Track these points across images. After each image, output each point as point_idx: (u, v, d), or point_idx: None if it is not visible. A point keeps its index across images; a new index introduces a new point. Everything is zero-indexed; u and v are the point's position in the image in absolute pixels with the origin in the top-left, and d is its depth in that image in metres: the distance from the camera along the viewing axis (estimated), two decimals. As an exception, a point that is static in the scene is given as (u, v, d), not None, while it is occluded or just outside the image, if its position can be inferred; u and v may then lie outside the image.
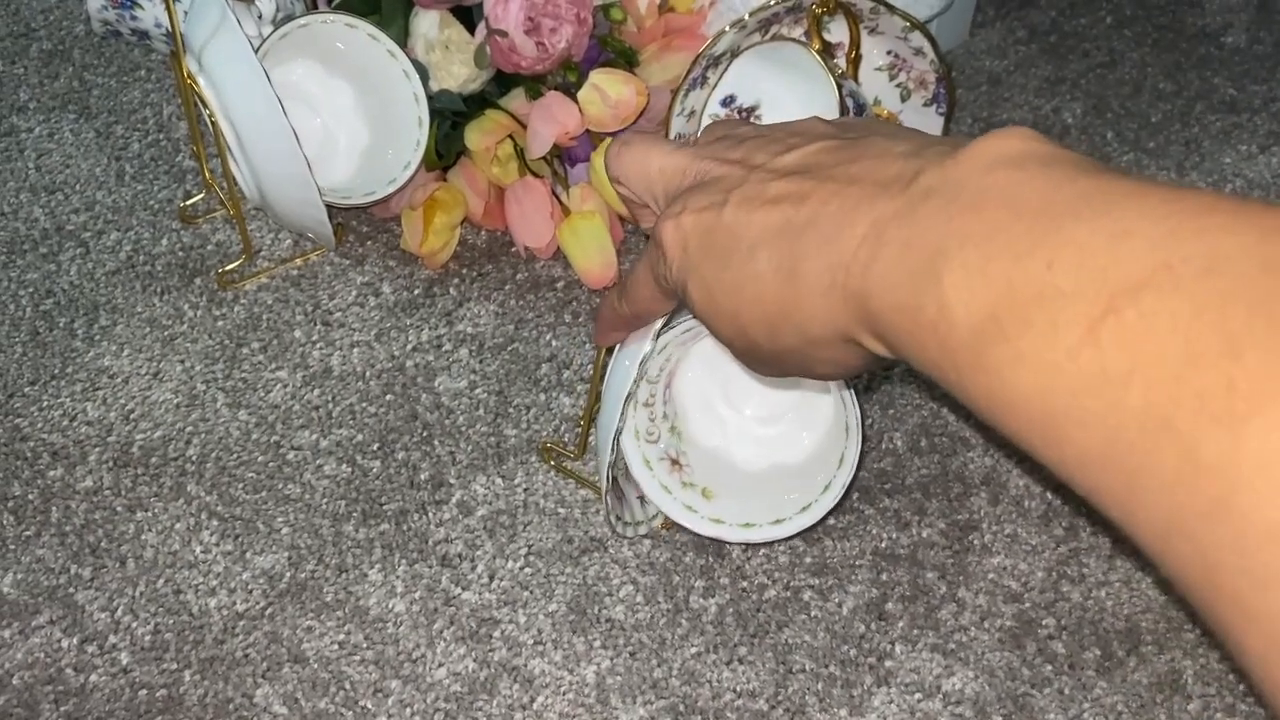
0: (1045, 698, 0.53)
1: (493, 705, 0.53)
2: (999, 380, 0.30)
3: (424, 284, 0.70)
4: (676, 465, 0.57)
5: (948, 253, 0.31)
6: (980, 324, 0.31)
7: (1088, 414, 0.28)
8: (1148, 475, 0.27)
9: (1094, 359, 0.28)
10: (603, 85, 0.67)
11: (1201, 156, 0.78)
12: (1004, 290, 0.30)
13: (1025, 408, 0.30)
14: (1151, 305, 0.27)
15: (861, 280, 0.34)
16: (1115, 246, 0.28)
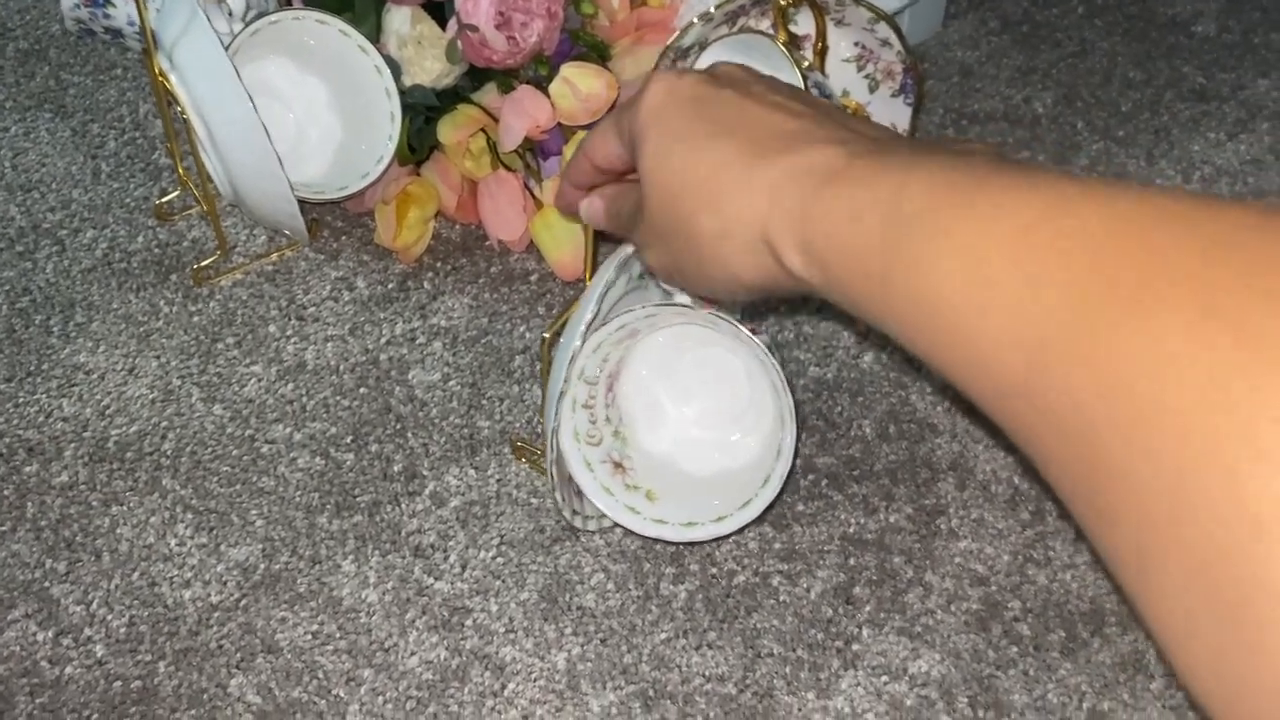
0: (1010, 679, 0.53)
1: (464, 693, 0.53)
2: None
3: (398, 278, 0.71)
4: (620, 468, 0.57)
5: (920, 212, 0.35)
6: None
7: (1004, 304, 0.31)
8: (1055, 363, 0.29)
9: (1015, 267, 0.31)
10: (574, 79, 0.68)
11: (1170, 144, 0.78)
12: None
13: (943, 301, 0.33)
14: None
15: (807, 203, 0.39)
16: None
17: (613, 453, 0.57)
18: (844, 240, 0.37)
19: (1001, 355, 0.31)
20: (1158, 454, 0.26)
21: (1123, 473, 0.27)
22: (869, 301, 0.36)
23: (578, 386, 0.55)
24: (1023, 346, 0.30)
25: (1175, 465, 0.26)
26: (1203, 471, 0.25)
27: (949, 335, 0.33)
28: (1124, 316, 0.28)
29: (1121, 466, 0.27)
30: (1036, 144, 0.79)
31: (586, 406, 0.56)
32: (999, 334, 0.31)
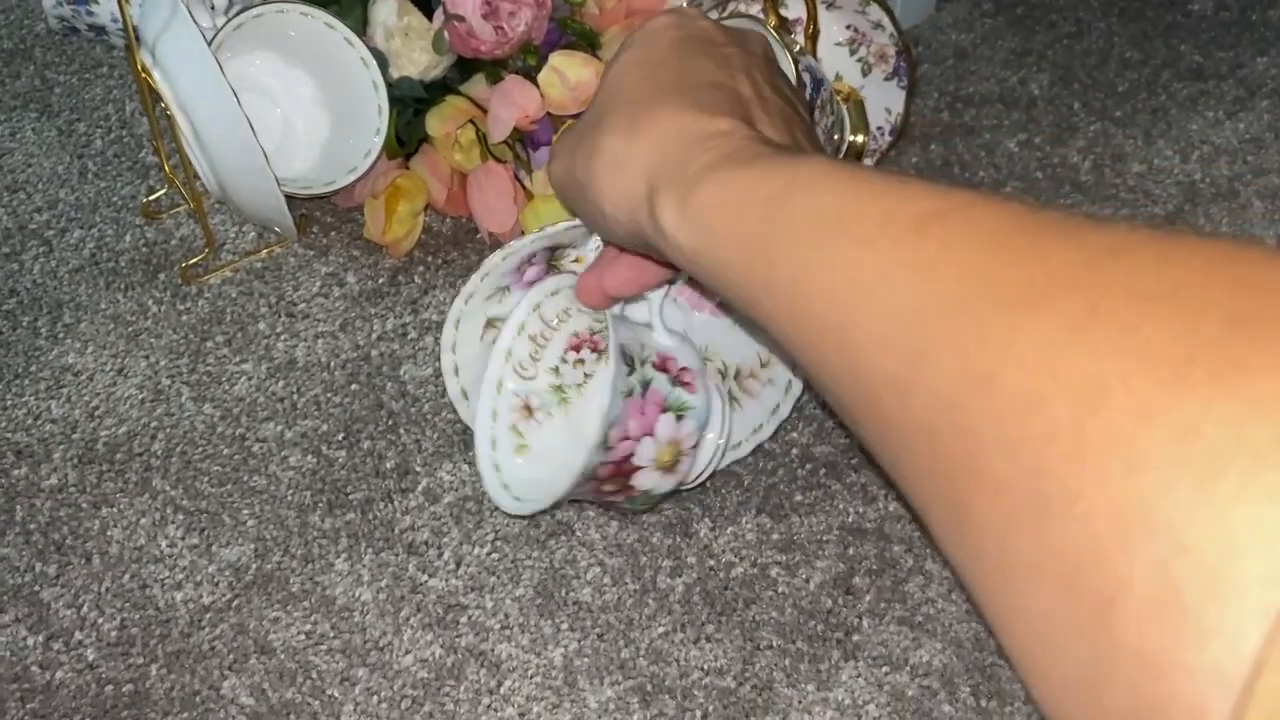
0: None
1: (460, 690, 0.52)
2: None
3: (388, 273, 0.70)
4: (529, 413, 0.57)
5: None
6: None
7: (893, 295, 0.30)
8: (933, 352, 0.29)
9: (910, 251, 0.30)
10: (562, 68, 0.67)
11: (1169, 124, 0.78)
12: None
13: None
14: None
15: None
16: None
17: (533, 398, 0.56)
18: (731, 211, 0.36)
19: (881, 345, 0.30)
20: (1027, 451, 0.25)
21: (990, 473, 0.26)
22: (741, 278, 0.35)
23: (531, 316, 0.56)
24: (904, 336, 0.29)
25: (1045, 464, 0.25)
26: (1073, 472, 0.24)
27: (828, 322, 0.32)
28: (1007, 310, 0.27)
29: (989, 466, 0.26)
30: (1033, 126, 0.78)
31: (534, 340, 0.56)
32: (883, 322, 0.30)
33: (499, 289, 0.56)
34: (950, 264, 0.29)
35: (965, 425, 0.27)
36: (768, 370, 0.59)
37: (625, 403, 0.51)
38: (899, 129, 0.70)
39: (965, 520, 0.27)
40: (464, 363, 0.57)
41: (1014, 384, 0.26)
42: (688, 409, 0.53)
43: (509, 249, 0.53)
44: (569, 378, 0.58)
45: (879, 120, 0.70)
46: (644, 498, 0.54)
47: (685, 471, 0.54)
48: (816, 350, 0.33)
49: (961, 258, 0.29)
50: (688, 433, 0.53)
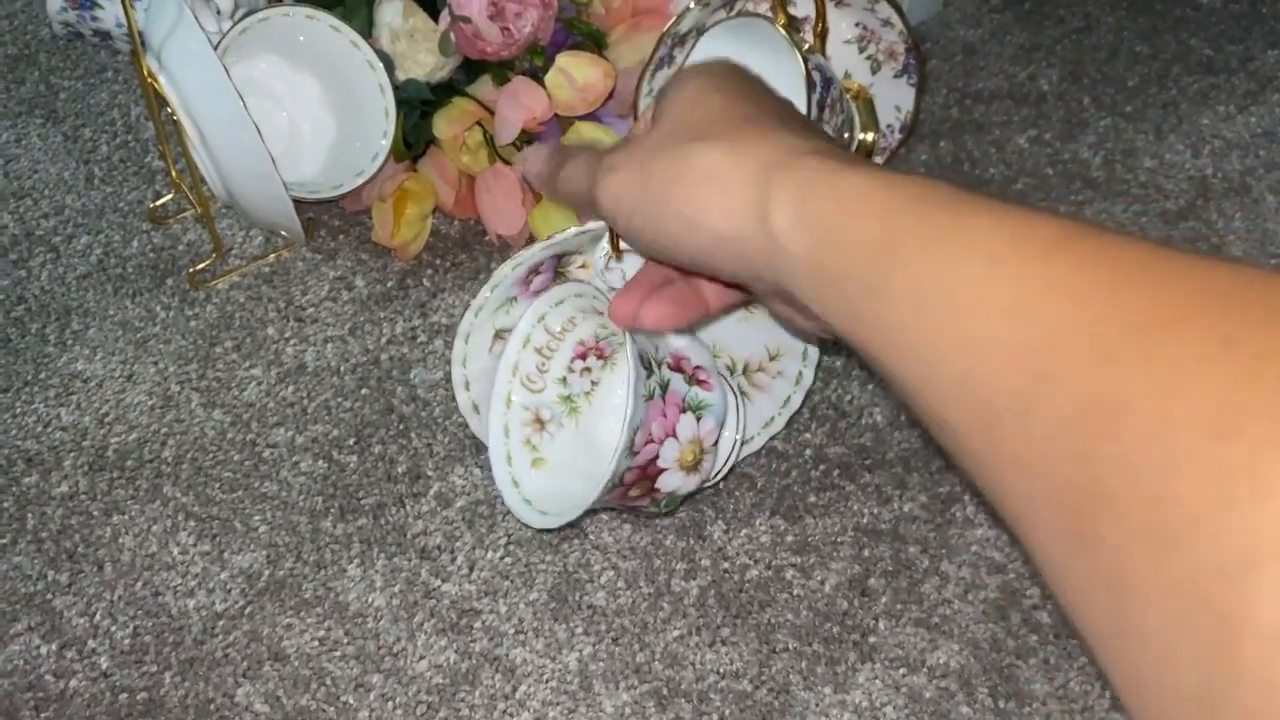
0: (1031, 668, 0.52)
1: (475, 696, 0.52)
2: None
3: (397, 276, 0.70)
4: (540, 425, 0.56)
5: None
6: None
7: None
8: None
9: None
10: (569, 69, 0.67)
11: (1179, 119, 0.77)
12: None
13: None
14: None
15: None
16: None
17: (544, 410, 0.56)
18: (851, 217, 0.35)
19: (1005, 361, 0.30)
20: (1153, 475, 0.25)
21: (1112, 495, 0.26)
22: (855, 283, 0.35)
23: (536, 329, 0.55)
24: (1031, 353, 0.29)
25: (1171, 489, 0.25)
26: (1200, 498, 0.24)
27: (950, 334, 0.32)
28: (1138, 334, 0.27)
29: (1112, 488, 0.26)
30: (1043, 122, 0.77)
31: (540, 352, 0.56)
32: (1009, 339, 0.30)
33: (506, 300, 0.56)
34: (1080, 285, 0.29)
35: (1089, 446, 0.27)
36: (776, 363, 0.59)
37: (647, 406, 0.51)
38: (909, 126, 0.70)
39: (1080, 540, 0.28)
40: (474, 376, 0.57)
41: (1142, 407, 0.26)
42: (706, 407, 0.53)
43: (519, 258, 0.53)
44: (577, 387, 0.57)
45: (889, 118, 0.70)
46: (669, 499, 0.54)
47: (708, 470, 0.54)
48: (928, 361, 0.32)
49: (1092, 280, 0.29)
50: (708, 430, 0.53)
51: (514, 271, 0.53)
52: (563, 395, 0.57)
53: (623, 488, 0.52)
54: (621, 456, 0.49)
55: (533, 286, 0.56)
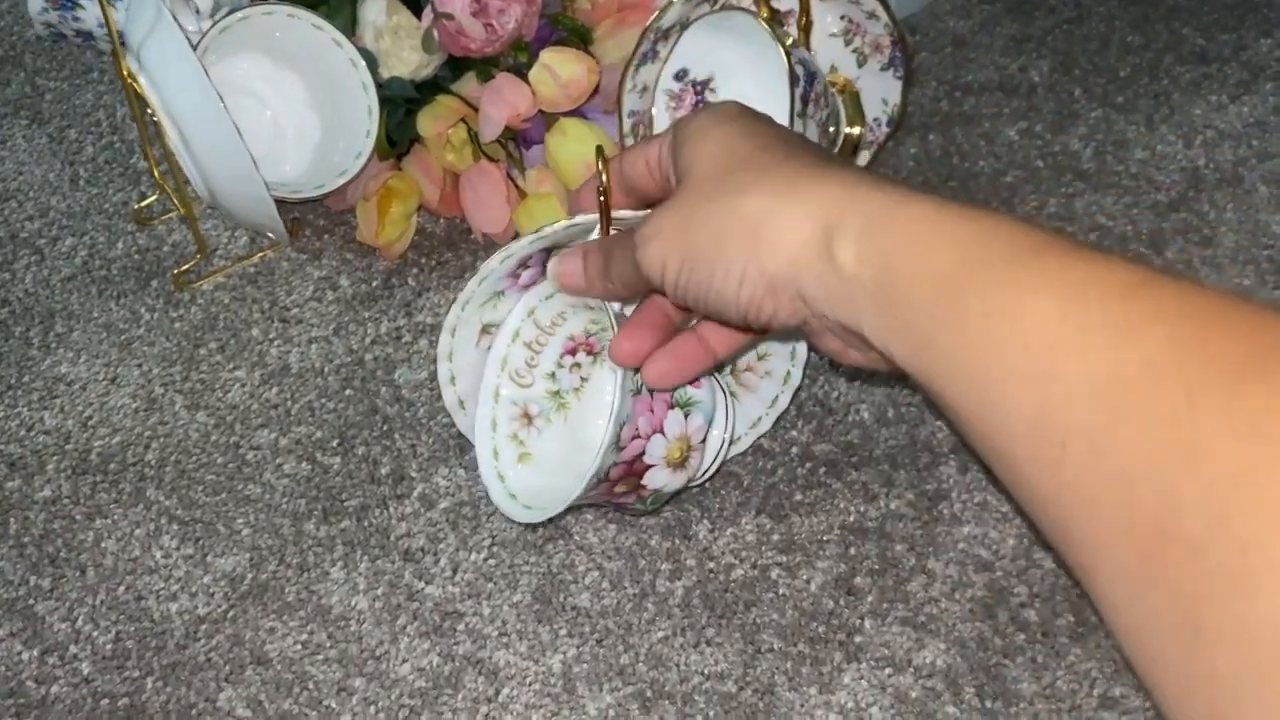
0: (1018, 667, 0.52)
1: (458, 699, 0.52)
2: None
3: (382, 275, 0.69)
4: (528, 420, 0.56)
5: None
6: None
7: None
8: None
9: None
10: (553, 65, 0.66)
11: (1171, 109, 0.76)
12: None
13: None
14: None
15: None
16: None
17: (532, 405, 0.56)
18: (920, 249, 0.35)
19: (1080, 398, 0.30)
20: (1234, 519, 0.26)
21: (1188, 536, 0.26)
22: (924, 317, 0.34)
23: (525, 323, 0.55)
24: (1106, 392, 0.29)
25: (1252, 534, 0.25)
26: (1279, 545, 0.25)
27: (1022, 369, 0.31)
28: (1220, 379, 0.27)
29: (1188, 529, 0.26)
30: (1033, 114, 0.77)
31: (529, 347, 0.55)
32: (1085, 376, 0.30)
33: (493, 294, 0.55)
34: (1160, 327, 0.29)
35: (1165, 486, 0.27)
36: (765, 363, 0.58)
37: (634, 401, 0.50)
38: (896, 120, 0.69)
39: (1150, 581, 0.28)
40: (460, 370, 0.56)
41: (1225, 452, 0.26)
42: (695, 404, 0.52)
43: (506, 251, 0.52)
44: (566, 382, 0.57)
45: (875, 111, 0.69)
46: (655, 496, 0.53)
47: (695, 467, 0.53)
48: (997, 395, 0.32)
49: (1171, 323, 0.29)
50: (696, 428, 0.52)
51: (502, 265, 0.53)
52: (551, 391, 0.57)
53: (608, 483, 0.51)
54: (607, 451, 0.49)
55: (521, 280, 0.55)
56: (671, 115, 0.67)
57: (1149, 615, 0.27)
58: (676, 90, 0.67)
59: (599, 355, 0.57)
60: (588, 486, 0.50)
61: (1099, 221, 0.70)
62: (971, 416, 0.33)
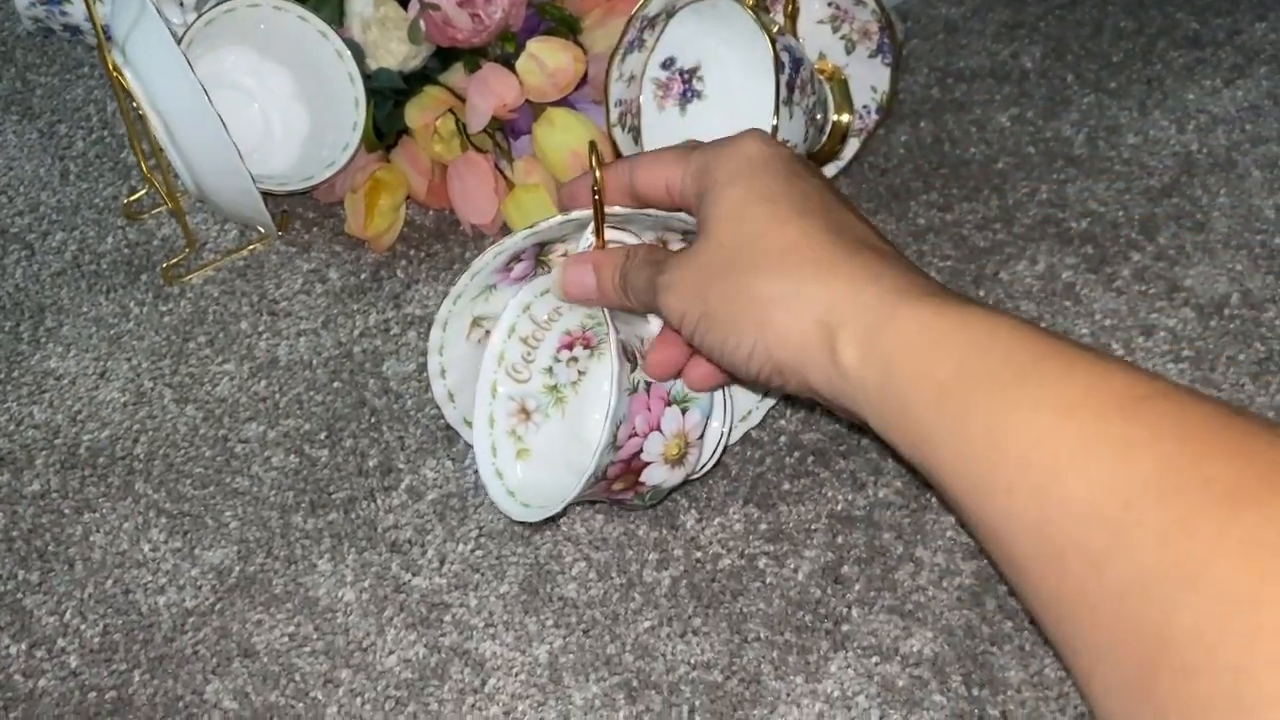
0: (1006, 655, 0.52)
1: (444, 690, 0.52)
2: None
3: (371, 268, 0.69)
4: (525, 416, 0.56)
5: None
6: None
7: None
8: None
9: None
10: (540, 54, 0.66)
11: (1164, 94, 0.76)
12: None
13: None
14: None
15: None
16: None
17: (529, 400, 0.56)
18: (921, 355, 0.36)
19: (1079, 515, 0.31)
20: (1229, 646, 0.26)
21: (1183, 658, 0.27)
22: (926, 422, 0.35)
23: (521, 318, 0.55)
24: (1105, 511, 0.30)
25: (1246, 663, 0.26)
26: (1273, 674, 0.25)
27: (1022, 482, 0.32)
28: (1215, 506, 0.28)
29: (1183, 652, 0.27)
30: (1025, 100, 0.76)
31: (525, 342, 0.55)
32: (1083, 494, 0.31)
33: (485, 288, 0.55)
34: (1158, 448, 0.30)
35: (1162, 608, 0.28)
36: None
37: (630, 399, 0.50)
38: (886, 107, 0.69)
39: (1146, 696, 0.28)
40: (450, 363, 0.56)
41: (1221, 579, 0.27)
42: (692, 401, 0.52)
43: (500, 247, 0.52)
44: (563, 377, 0.57)
45: (864, 99, 0.69)
46: (653, 493, 0.53)
47: (693, 463, 0.53)
48: (1001, 506, 0.33)
49: (1170, 445, 0.30)
50: (694, 424, 0.52)
51: (495, 260, 0.53)
52: (549, 385, 0.56)
53: (606, 481, 0.51)
54: (604, 451, 0.49)
55: (513, 274, 0.55)
56: (658, 104, 0.67)
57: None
58: (663, 79, 0.67)
59: (596, 349, 0.57)
60: (585, 486, 0.50)
61: (1091, 208, 0.69)
62: (974, 519, 0.34)
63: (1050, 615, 0.32)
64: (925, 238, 0.68)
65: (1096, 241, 0.67)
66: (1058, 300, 0.65)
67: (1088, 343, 0.63)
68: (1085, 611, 0.30)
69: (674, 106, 0.67)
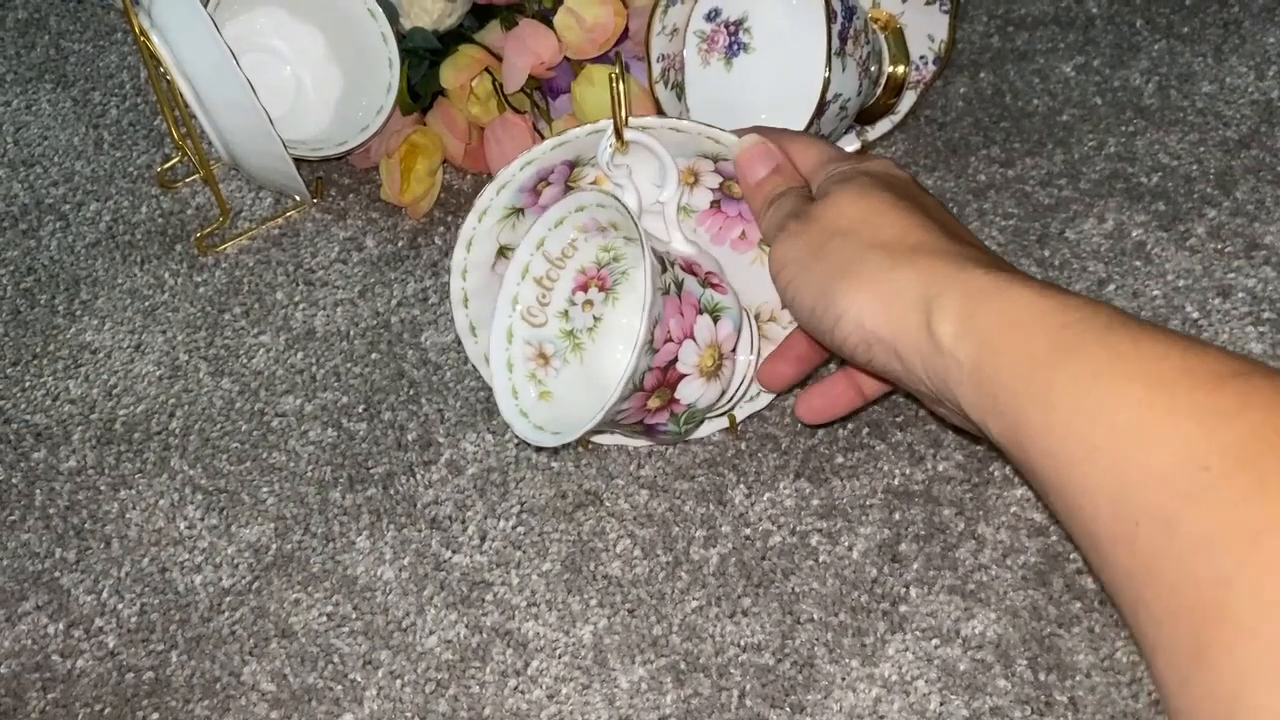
0: (1074, 637, 0.49)
1: (485, 672, 0.50)
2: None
3: (408, 235, 0.67)
4: (544, 360, 0.54)
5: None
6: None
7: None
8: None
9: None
10: (577, 9, 0.63)
11: (1242, 38, 0.71)
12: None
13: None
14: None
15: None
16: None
17: (547, 345, 0.54)
18: (1018, 330, 0.37)
19: (1157, 478, 0.31)
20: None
21: (1240, 619, 0.28)
22: (1018, 393, 0.36)
23: (535, 257, 0.53)
24: (1183, 474, 0.31)
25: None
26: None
27: (1107, 447, 0.33)
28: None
29: (1240, 612, 0.28)
30: (1091, 48, 0.72)
31: (540, 283, 0.53)
32: (1164, 458, 0.31)
33: (513, 210, 0.53)
34: (1243, 418, 0.31)
35: (1224, 567, 0.29)
36: (788, 311, 0.55)
37: (664, 302, 0.48)
38: (943, 58, 0.65)
39: (1200, 661, 0.29)
40: (473, 291, 0.54)
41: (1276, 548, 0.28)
42: (723, 309, 0.51)
43: (528, 156, 0.51)
44: (579, 322, 0.54)
45: (921, 49, 0.65)
46: (689, 414, 0.51)
47: (727, 379, 0.52)
48: (1082, 474, 0.34)
49: (1256, 414, 0.30)
50: (726, 335, 0.51)
51: (521, 172, 0.51)
52: (565, 330, 0.54)
53: (643, 393, 0.49)
54: (641, 352, 0.47)
55: (542, 199, 0.53)
56: (703, 58, 0.64)
57: (1198, 697, 0.28)
58: (708, 31, 0.63)
59: (610, 292, 0.55)
60: (623, 393, 0.47)
61: (1162, 161, 0.65)
62: (1059, 493, 0.35)
63: (1126, 591, 0.33)
64: (986, 195, 0.65)
65: (1169, 197, 0.64)
66: (1127, 260, 0.61)
67: (1160, 304, 0.59)
68: (1154, 579, 0.31)
69: (719, 61, 0.64)
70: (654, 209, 0.52)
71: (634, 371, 0.47)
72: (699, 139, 0.51)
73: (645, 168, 0.52)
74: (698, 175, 0.53)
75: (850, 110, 0.60)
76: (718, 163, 0.52)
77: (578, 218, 0.52)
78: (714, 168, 0.53)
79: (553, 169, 0.52)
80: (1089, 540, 0.34)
